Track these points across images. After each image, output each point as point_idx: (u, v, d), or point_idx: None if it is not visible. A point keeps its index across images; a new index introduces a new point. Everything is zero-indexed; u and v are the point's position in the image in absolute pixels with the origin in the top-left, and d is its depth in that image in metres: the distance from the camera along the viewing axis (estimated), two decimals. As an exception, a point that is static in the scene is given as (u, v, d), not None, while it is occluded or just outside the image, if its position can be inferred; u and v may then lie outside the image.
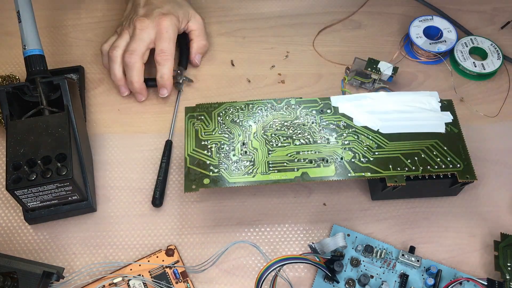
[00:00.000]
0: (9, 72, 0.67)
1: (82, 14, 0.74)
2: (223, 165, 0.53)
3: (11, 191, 0.50)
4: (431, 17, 0.71)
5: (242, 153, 0.54)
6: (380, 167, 0.53)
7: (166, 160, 0.60)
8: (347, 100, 0.58)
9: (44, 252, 0.55)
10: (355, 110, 0.57)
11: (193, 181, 0.52)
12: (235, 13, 0.75)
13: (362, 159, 0.53)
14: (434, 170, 0.53)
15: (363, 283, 0.52)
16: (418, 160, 0.53)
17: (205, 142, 0.55)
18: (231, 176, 0.52)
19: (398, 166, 0.53)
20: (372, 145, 0.54)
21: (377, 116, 0.56)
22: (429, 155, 0.54)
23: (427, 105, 0.57)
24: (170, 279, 0.53)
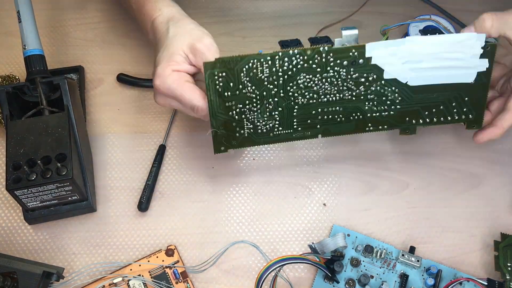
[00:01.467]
0: (9, 72, 0.67)
1: (82, 14, 0.74)
2: (249, 125, 0.53)
3: (11, 191, 0.50)
4: (429, 16, 0.71)
5: (268, 112, 0.53)
6: (397, 121, 0.54)
7: (157, 165, 0.60)
8: (384, 46, 0.53)
9: (44, 252, 0.55)
10: (388, 60, 0.53)
11: (221, 143, 0.53)
12: (235, 13, 0.75)
13: (383, 114, 0.54)
14: (446, 121, 0.54)
15: (363, 283, 0.52)
16: (435, 112, 0.54)
17: (229, 103, 0.52)
18: (257, 136, 0.53)
19: (413, 119, 0.54)
20: (395, 98, 0.54)
21: (409, 66, 0.53)
22: (447, 107, 0.54)
23: (468, 49, 0.52)
24: (170, 279, 0.53)
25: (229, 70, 0.50)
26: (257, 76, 0.51)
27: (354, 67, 0.52)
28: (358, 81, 0.53)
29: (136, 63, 0.69)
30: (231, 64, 0.50)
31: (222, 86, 0.51)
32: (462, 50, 0.52)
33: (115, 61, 0.69)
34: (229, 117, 0.52)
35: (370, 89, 0.53)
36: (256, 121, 0.53)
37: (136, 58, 0.70)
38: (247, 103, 0.52)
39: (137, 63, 0.69)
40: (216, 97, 0.51)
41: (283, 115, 0.53)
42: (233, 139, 0.52)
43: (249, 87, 0.51)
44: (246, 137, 0.53)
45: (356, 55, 0.52)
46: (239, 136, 0.53)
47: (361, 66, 0.52)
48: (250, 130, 0.53)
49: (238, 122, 0.53)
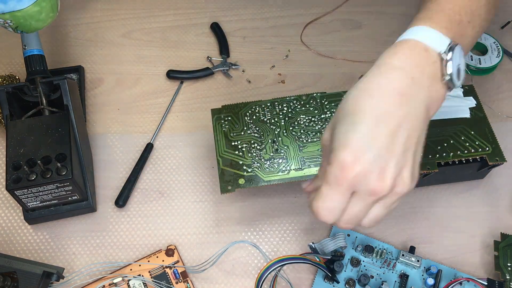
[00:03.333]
0: (9, 72, 0.67)
1: (82, 14, 0.74)
2: (256, 164, 0.53)
3: (11, 191, 0.50)
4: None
5: (274, 151, 0.54)
6: None
7: (142, 163, 0.60)
8: None
9: (44, 252, 0.55)
10: None
11: (228, 182, 0.52)
12: (235, 13, 0.75)
13: None
14: (464, 155, 0.54)
15: (363, 283, 0.52)
16: (447, 146, 0.54)
17: (235, 143, 0.55)
18: (265, 174, 0.53)
19: (428, 153, 0.54)
20: None
21: None
22: (457, 141, 0.55)
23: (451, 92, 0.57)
24: (170, 279, 0.53)
25: (234, 114, 0.57)
26: (259, 119, 0.56)
27: None
28: None
29: (136, 63, 0.69)
30: (235, 109, 0.57)
31: (228, 128, 0.56)
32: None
33: (115, 61, 0.70)
34: (236, 156, 0.54)
35: None
36: (263, 159, 0.54)
37: (136, 58, 0.70)
38: (252, 142, 0.55)
39: (137, 63, 0.69)
40: (222, 138, 0.55)
41: (289, 153, 0.54)
42: (240, 177, 0.53)
43: (253, 128, 0.56)
44: (253, 175, 0.53)
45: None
46: (246, 175, 0.53)
47: None
48: (258, 168, 0.53)
49: (245, 160, 0.54)
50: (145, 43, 0.71)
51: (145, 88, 0.67)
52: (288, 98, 0.58)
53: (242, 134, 0.55)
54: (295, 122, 0.56)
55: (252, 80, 0.68)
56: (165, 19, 0.74)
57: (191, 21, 0.74)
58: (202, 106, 0.66)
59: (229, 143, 0.55)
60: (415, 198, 0.59)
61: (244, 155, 0.54)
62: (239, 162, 0.53)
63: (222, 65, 0.68)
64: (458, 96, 0.57)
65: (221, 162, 0.54)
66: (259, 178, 0.53)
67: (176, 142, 0.63)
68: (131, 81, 0.68)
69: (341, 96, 0.57)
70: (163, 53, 0.71)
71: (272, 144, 0.54)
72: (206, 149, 0.62)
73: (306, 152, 0.54)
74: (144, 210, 0.58)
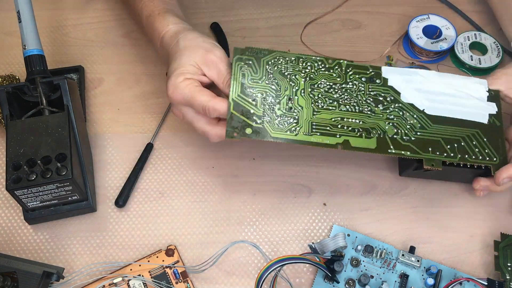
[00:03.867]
0: (9, 72, 0.67)
1: (82, 14, 0.74)
2: (267, 118, 0.52)
3: (11, 191, 0.50)
4: (427, 16, 0.71)
5: (287, 109, 0.52)
6: (420, 148, 0.53)
7: (142, 163, 0.60)
8: (398, 73, 0.56)
9: (44, 252, 0.55)
10: (404, 85, 0.55)
11: (235, 128, 0.51)
12: (235, 13, 0.75)
13: (404, 137, 0.53)
14: (470, 160, 0.53)
15: (363, 283, 0.52)
16: (457, 147, 0.53)
17: (250, 90, 0.52)
18: (273, 130, 0.51)
19: (437, 150, 0.53)
20: (415, 124, 0.54)
21: (425, 96, 0.55)
22: (468, 144, 0.54)
23: (475, 92, 0.56)
24: (170, 279, 0.53)
25: (256, 59, 0.54)
26: (280, 70, 0.54)
27: (372, 85, 0.55)
28: (377, 99, 0.54)
29: (136, 63, 0.69)
30: (259, 54, 0.54)
31: (247, 72, 0.53)
32: (470, 92, 0.56)
33: (115, 61, 0.69)
34: (249, 103, 0.52)
35: (389, 109, 0.54)
36: (275, 114, 0.52)
37: (136, 58, 0.70)
38: (268, 93, 0.53)
39: (137, 62, 0.69)
40: (239, 81, 0.53)
41: (302, 114, 0.52)
42: (248, 126, 0.51)
43: (272, 79, 0.53)
44: (262, 128, 0.51)
45: (373, 74, 0.55)
46: (255, 126, 0.51)
47: (379, 85, 0.55)
48: (268, 122, 0.51)
49: (257, 110, 0.52)
50: (145, 43, 0.71)
51: (145, 88, 0.67)
52: (314, 57, 0.55)
53: (260, 83, 0.53)
54: (315, 85, 0.54)
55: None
56: (165, 19, 0.74)
57: (191, 21, 0.74)
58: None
59: (245, 88, 0.52)
60: (415, 198, 0.59)
61: (257, 104, 0.52)
62: (250, 111, 0.51)
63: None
64: (481, 99, 0.56)
65: (232, 105, 0.51)
66: (266, 133, 0.51)
67: (176, 142, 0.63)
68: (131, 81, 0.68)
69: (368, 70, 0.55)
70: (163, 53, 0.71)
71: (287, 101, 0.53)
72: (206, 149, 0.62)
73: (319, 118, 0.52)
74: (144, 210, 0.58)
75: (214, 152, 0.62)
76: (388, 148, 0.52)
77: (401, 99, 0.55)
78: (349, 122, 0.53)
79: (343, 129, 0.52)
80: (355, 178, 0.61)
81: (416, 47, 0.69)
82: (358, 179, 0.60)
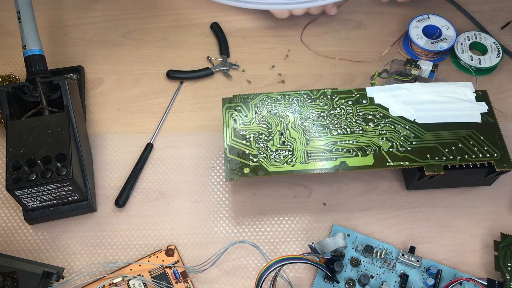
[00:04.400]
0: (9, 72, 0.67)
1: (82, 14, 0.74)
2: (262, 155, 0.54)
3: (11, 191, 0.50)
4: (427, 16, 0.71)
5: (280, 143, 0.54)
6: (418, 157, 0.53)
7: (142, 163, 0.60)
8: (382, 90, 0.58)
9: (44, 252, 0.55)
10: (390, 101, 0.57)
11: (233, 171, 0.53)
12: (235, 13, 0.75)
13: (400, 149, 0.54)
14: (471, 159, 0.53)
15: (363, 283, 0.52)
16: (455, 149, 0.54)
17: (243, 132, 0.55)
18: (271, 165, 0.53)
19: (435, 155, 0.53)
20: (409, 135, 0.55)
21: (413, 107, 0.56)
22: (466, 145, 0.54)
23: (462, 95, 0.57)
24: (170, 279, 0.53)
25: (244, 104, 0.57)
26: (269, 110, 0.57)
27: (360, 106, 0.57)
28: (366, 118, 0.56)
29: (136, 63, 0.69)
30: (246, 99, 0.58)
31: (238, 117, 0.56)
32: (457, 96, 0.57)
33: (115, 61, 0.70)
34: (243, 145, 0.54)
35: (380, 125, 0.56)
36: (270, 150, 0.54)
37: (136, 58, 0.70)
38: (260, 133, 0.55)
39: (137, 63, 0.69)
40: (231, 127, 0.56)
41: (296, 145, 0.54)
42: (245, 166, 0.53)
43: (262, 119, 0.56)
44: (259, 165, 0.53)
45: (358, 96, 0.57)
46: (252, 164, 0.53)
47: (366, 105, 0.57)
48: (264, 159, 0.53)
49: (252, 150, 0.54)
50: (145, 43, 0.71)
51: (145, 88, 0.67)
52: (299, 92, 0.58)
53: (251, 124, 0.56)
54: (304, 116, 0.56)
55: (252, 80, 0.68)
56: (165, 19, 0.74)
57: (191, 21, 0.74)
58: (202, 106, 0.66)
59: (237, 132, 0.55)
60: (415, 198, 0.59)
61: (251, 145, 0.54)
62: (245, 152, 0.54)
63: (222, 65, 0.68)
64: (470, 100, 0.57)
65: (228, 150, 0.54)
66: (264, 169, 0.53)
67: (176, 142, 0.63)
68: (131, 81, 0.68)
69: (353, 93, 0.58)
70: (163, 53, 0.71)
71: (279, 136, 0.55)
72: (206, 149, 0.62)
73: (313, 146, 0.54)
74: (144, 210, 0.58)
75: (214, 152, 0.62)
76: (386, 161, 0.53)
77: (391, 114, 0.56)
78: (343, 144, 0.54)
79: (338, 152, 0.54)
80: (355, 178, 0.61)
81: (416, 47, 0.69)
82: (358, 180, 0.60)
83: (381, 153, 0.54)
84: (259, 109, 0.57)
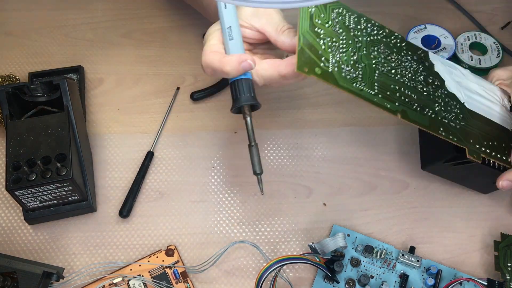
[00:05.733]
0: (9, 72, 0.67)
1: (82, 14, 0.74)
2: (335, 64, 0.49)
3: (11, 191, 0.50)
4: (424, 26, 0.70)
5: (352, 61, 0.50)
6: (464, 137, 0.52)
7: (143, 172, 0.60)
8: (442, 62, 0.57)
9: (44, 252, 0.55)
10: (447, 75, 0.56)
11: (306, 63, 0.47)
12: (235, 13, 0.75)
13: (451, 123, 0.53)
14: (503, 161, 0.53)
15: (363, 283, 0.52)
16: (492, 145, 0.53)
17: (318, 30, 0.49)
18: (341, 78, 0.49)
19: (476, 143, 0.53)
20: (458, 114, 0.53)
21: (463, 90, 0.56)
22: (500, 145, 0.54)
23: (500, 100, 0.57)
24: (170, 279, 0.53)
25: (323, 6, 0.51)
26: (344, 22, 0.52)
27: (423, 66, 0.55)
28: (427, 80, 0.54)
29: (136, 63, 0.69)
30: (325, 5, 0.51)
31: (314, 13, 0.50)
32: (497, 98, 0.57)
33: (115, 61, 0.69)
34: (317, 43, 0.49)
35: (437, 93, 0.54)
36: (341, 63, 0.49)
37: (136, 58, 0.70)
38: (334, 40, 0.50)
39: (137, 63, 0.69)
40: (307, 17, 0.50)
41: (365, 71, 0.50)
42: (317, 66, 0.48)
43: (337, 28, 0.51)
44: (330, 72, 0.48)
45: (423, 55, 0.55)
46: (323, 67, 0.48)
47: (428, 68, 0.55)
48: (335, 68, 0.49)
49: (325, 53, 0.49)
50: (145, 43, 0.71)
51: (145, 88, 0.67)
52: (373, 22, 0.54)
53: (326, 27, 0.50)
54: (375, 47, 0.53)
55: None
56: (165, 19, 0.74)
57: (191, 20, 0.74)
58: (202, 106, 0.66)
59: (313, 27, 0.49)
60: (415, 198, 0.59)
61: (325, 47, 0.49)
62: (318, 51, 0.48)
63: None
64: (506, 105, 0.57)
65: (301, 40, 0.48)
66: (334, 79, 0.48)
67: (176, 142, 0.63)
68: (131, 81, 0.68)
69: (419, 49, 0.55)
70: (163, 53, 0.71)
71: (352, 55, 0.50)
72: (206, 149, 0.62)
73: (380, 81, 0.51)
74: (144, 210, 0.58)
75: (214, 152, 0.62)
76: (439, 129, 0.51)
77: (446, 86, 0.54)
78: (406, 94, 0.52)
79: (401, 99, 0.51)
80: (355, 178, 0.61)
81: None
82: (358, 179, 0.60)
83: (436, 118, 0.52)
84: (335, 15, 0.51)
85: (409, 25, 0.70)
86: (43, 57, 0.69)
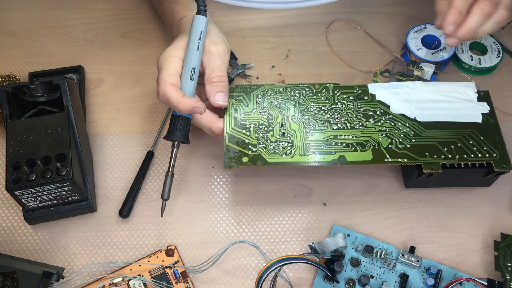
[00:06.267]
0: (9, 72, 0.67)
1: (82, 14, 0.74)
2: (262, 145, 0.54)
3: (11, 191, 0.50)
4: (424, 26, 0.70)
5: (280, 134, 0.54)
6: (416, 154, 0.53)
7: (143, 172, 0.60)
8: (384, 87, 0.58)
9: (44, 252, 0.55)
10: (391, 98, 0.57)
11: (232, 159, 0.53)
12: (235, 13, 0.75)
13: (399, 146, 0.54)
14: (470, 159, 0.53)
15: (363, 283, 0.52)
16: (454, 148, 0.54)
17: (243, 122, 0.55)
18: (269, 155, 0.53)
19: (434, 153, 0.54)
20: (409, 132, 0.55)
21: (414, 105, 0.57)
22: (465, 144, 0.54)
23: (464, 95, 0.58)
24: (170, 279, 0.53)
25: (246, 95, 0.57)
26: (270, 102, 0.57)
27: (361, 102, 0.57)
28: (367, 114, 0.56)
29: (136, 63, 0.69)
30: (248, 89, 0.58)
31: (239, 107, 0.56)
32: (459, 96, 0.58)
33: (115, 61, 0.70)
34: (243, 134, 0.54)
35: (381, 121, 0.56)
36: (270, 140, 0.54)
37: (136, 58, 0.70)
38: (260, 123, 0.55)
39: (137, 63, 0.69)
40: (232, 116, 0.56)
41: (296, 137, 0.54)
42: (244, 155, 0.53)
43: (263, 110, 0.56)
44: (258, 155, 0.53)
45: (360, 92, 0.58)
46: (251, 154, 0.53)
47: (367, 101, 0.57)
48: (263, 149, 0.53)
49: (251, 140, 0.54)
50: (145, 43, 0.71)
51: (145, 88, 0.67)
52: (301, 85, 0.58)
53: (251, 115, 0.56)
54: (305, 109, 0.56)
55: (251, 81, 0.68)
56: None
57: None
58: (202, 106, 0.66)
59: (238, 121, 0.55)
60: (415, 198, 0.59)
61: (251, 134, 0.54)
62: (245, 141, 0.54)
63: (236, 69, 0.68)
64: (471, 100, 0.57)
65: (227, 138, 0.54)
66: (263, 159, 0.53)
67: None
68: (131, 81, 0.68)
69: (354, 89, 0.58)
70: (163, 53, 0.70)
71: (279, 128, 0.55)
72: (206, 149, 0.62)
73: (313, 139, 0.54)
74: (144, 210, 0.58)
75: (214, 152, 0.62)
76: (385, 157, 0.53)
77: (391, 111, 0.56)
78: (343, 139, 0.54)
79: (338, 146, 0.54)
80: (355, 178, 0.61)
81: (417, 58, 0.68)
82: (358, 179, 0.60)
83: (380, 149, 0.54)
84: (260, 100, 0.57)
85: (409, 25, 0.70)
86: (43, 57, 0.69)
